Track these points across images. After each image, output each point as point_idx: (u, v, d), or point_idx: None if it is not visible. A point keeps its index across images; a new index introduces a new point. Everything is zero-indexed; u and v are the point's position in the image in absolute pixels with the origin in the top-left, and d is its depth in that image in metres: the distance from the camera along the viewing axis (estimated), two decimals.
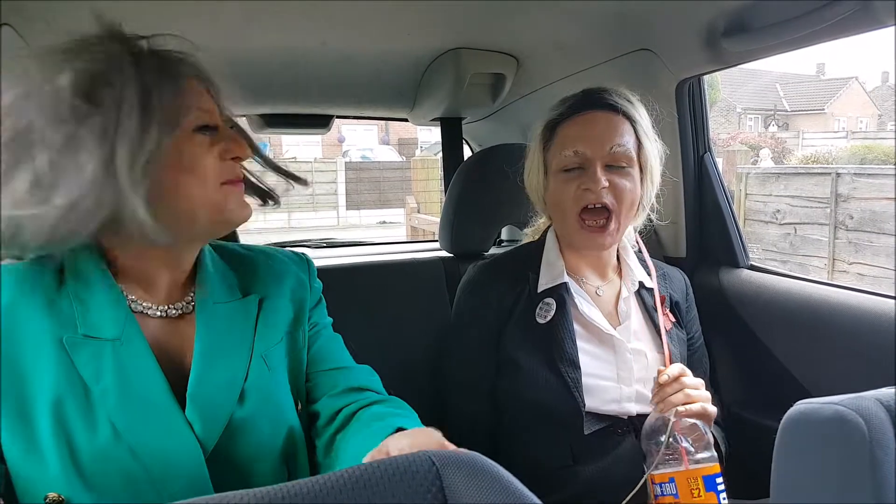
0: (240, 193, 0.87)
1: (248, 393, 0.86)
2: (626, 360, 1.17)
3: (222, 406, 0.83)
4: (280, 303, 0.95)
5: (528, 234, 1.37)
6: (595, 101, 1.17)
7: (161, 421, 0.79)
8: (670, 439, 0.98)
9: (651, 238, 1.55)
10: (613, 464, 1.13)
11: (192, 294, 0.89)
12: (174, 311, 0.87)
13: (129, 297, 0.84)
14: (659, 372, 1.07)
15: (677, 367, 1.07)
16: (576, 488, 1.13)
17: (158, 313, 0.86)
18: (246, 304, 0.92)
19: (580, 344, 1.16)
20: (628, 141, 1.14)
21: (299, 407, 0.94)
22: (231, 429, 0.83)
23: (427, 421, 1.35)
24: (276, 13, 1.24)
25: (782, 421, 0.67)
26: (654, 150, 1.18)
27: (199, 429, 0.81)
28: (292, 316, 0.96)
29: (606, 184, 1.12)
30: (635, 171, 1.16)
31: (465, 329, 1.26)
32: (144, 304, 0.85)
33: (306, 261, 1.04)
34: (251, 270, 0.96)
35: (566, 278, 1.21)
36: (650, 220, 1.27)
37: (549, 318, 1.18)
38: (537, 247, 1.28)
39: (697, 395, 1.06)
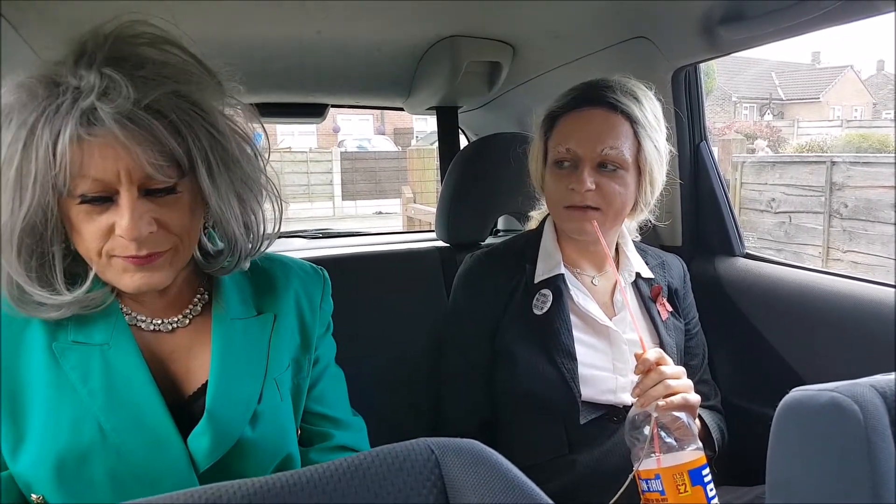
0: (128, 269, 0.77)
1: (260, 416, 0.85)
2: (621, 350, 1.17)
3: (235, 426, 0.83)
4: (289, 324, 0.93)
5: (535, 217, 1.37)
6: (595, 98, 1.14)
7: (148, 422, 0.79)
8: (654, 432, 0.96)
9: (647, 227, 1.56)
10: (609, 452, 1.14)
11: (189, 307, 0.88)
12: (168, 327, 0.86)
13: (123, 308, 0.84)
14: (636, 356, 1.02)
15: (655, 353, 1.02)
16: (572, 476, 1.13)
17: (152, 327, 0.86)
18: (261, 322, 0.90)
19: (576, 334, 1.17)
20: (623, 143, 1.11)
21: (299, 433, 0.95)
22: (235, 449, 0.83)
23: (424, 410, 1.37)
24: (271, 2, 1.23)
25: (777, 408, 0.67)
26: (656, 151, 1.15)
27: (208, 443, 0.80)
28: (299, 341, 0.94)
29: (592, 186, 1.11)
30: (629, 175, 1.13)
31: (462, 320, 1.26)
32: (139, 317, 0.85)
33: (322, 278, 1.00)
34: (267, 284, 0.94)
35: (563, 269, 1.20)
36: (648, 219, 1.26)
37: (545, 309, 1.18)
38: (535, 236, 1.27)
39: (678, 385, 1.00)
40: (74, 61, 0.73)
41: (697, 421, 1.11)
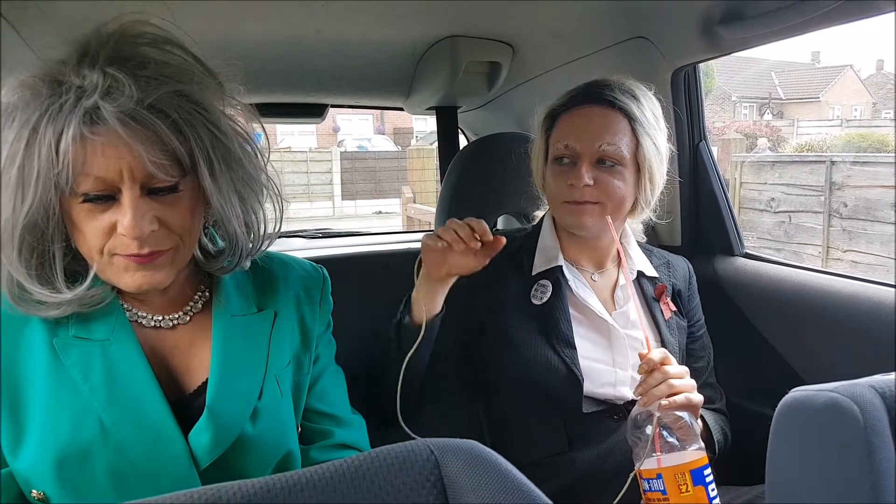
0: (129, 268, 0.77)
1: (261, 412, 0.85)
2: (621, 344, 1.18)
3: (235, 422, 0.83)
4: (290, 321, 0.93)
5: (539, 218, 1.36)
6: (593, 96, 1.16)
7: (148, 419, 0.79)
8: (656, 431, 0.96)
9: (647, 227, 1.56)
10: (609, 451, 1.14)
11: (190, 304, 0.89)
12: (169, 323, 0.87)
13: (123, 304, 0.85)
14: (640, 356, 1.03)
15: (659, 353, 1.03)
16: (572, 475, 1.13)
17: (153, 324, 0.86)
18: (261, 318, 0.90)
19: (575, 327, 1.17)
20: (621, 140, 1.13)
21: (300, 430, 0.95)
22: (236, 445, 0.83)
23: (423, 409, 1.36)
24: (271, 2, 1.23)
25: (777, 408, 0.68)
26: (655, 149, 1.16)
27: (209, 440, 0.80)
28: (299, 339, 0.94)
29: (591, 182, 1.12)
30: (627, 171, 1.14)
31: (453, 298, 1.23)
32: (140, 313, 0.85)
33: (322, 276, 1.01)
34: (268, 282, 0.94)
35: (561, 262, 1.21)
36: (649, 218, 1.26)
37: (545, 299, 1.18)
38: (533, 232, 1.28)
39: (681, 385, 1.00)
40: (77, 60, 0.74)
41: (700, 421, 1.11)
